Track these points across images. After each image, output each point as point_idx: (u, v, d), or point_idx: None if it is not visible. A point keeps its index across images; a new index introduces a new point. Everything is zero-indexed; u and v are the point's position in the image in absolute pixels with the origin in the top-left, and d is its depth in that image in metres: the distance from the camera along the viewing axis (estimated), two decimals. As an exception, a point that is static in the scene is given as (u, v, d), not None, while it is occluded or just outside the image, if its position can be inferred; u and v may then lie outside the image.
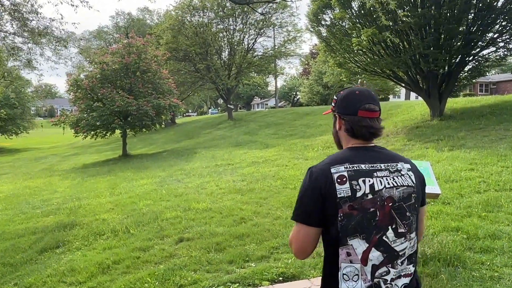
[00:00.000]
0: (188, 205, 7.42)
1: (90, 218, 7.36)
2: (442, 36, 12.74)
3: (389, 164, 1.60)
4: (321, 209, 1.53)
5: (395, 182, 1.56)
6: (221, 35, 30.47)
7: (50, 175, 15.53)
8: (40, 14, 8.40)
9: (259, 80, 45.01)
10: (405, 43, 13.33)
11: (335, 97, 1.75)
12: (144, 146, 25.70)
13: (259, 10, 27.83)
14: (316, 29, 16.09)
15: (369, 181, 1.53)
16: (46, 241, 6.23)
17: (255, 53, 32.57)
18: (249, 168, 11.01)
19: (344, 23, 14.95)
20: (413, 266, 1.59)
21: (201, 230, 5.83)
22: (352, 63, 15.54)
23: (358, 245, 1.49)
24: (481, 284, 3.57)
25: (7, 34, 8.91)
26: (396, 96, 49.27)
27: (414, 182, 1.61)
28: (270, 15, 29.52)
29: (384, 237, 1.51)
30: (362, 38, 12.97)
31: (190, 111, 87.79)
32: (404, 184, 1.58)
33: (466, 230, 4.70)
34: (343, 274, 1.52)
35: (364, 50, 14.39)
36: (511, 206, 5.39)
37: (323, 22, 15.76)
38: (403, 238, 1.54)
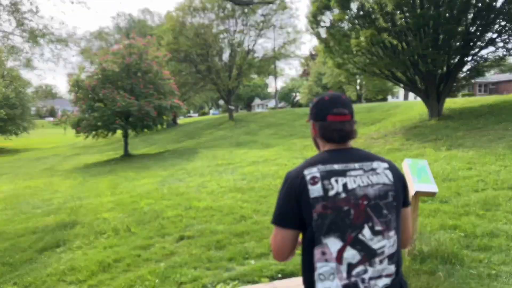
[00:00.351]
0: (189, 204, 7.44)
1: (91, 217, 7.37)
2: (441, 36, 12.76)
3: (363, 163, 1.61)
4: (296, 212, 1.56)
5: (370, 180, 1.57)
6: (221, 36, 30.51)
7: (51, 175, 15.54)
8: (38, 12, 8.37)
9: (260, 82, 45.07)
10: (403, 43, 13.35)
11: (310, 105, 1.78)
12: (145, 146, 25.71)
13: (259, 12, 27.87)
14: (316, 30, 16.12)
15: (342, 180, 1.54)
16: (46, 241, 6.23)
17: (256, 55, 32.62)
18: (250, 167, 11.03)
19: (343, 24, 14.98)
20: (395, 267, 1.57)
21: (202, 228, 5.84)
22: (351, 64, 15.56)
23: (333, 243, 1.50)
24: (479, 281, 3.57)
25: (7, 33, 8.92)
26: (395, 97, 49.31)
27: (392, 180, 1.60)
28: (270, 16, 29.56)
29: (360, 236, 1.51)
30: (361, 39, 12.99)
31: (191, 111, 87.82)
32: (380, 182, 1.57)
33: (464, 228, 4.71)
34: (319, 274, 1.52)
35: (363, 51, 14.41)
36: (509, 204, 5.41)
37: (322, 24, 15.79)
38: (381, 236, 1.54)
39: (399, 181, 1.64)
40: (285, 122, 22.70)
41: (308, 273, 1.57)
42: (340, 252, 1.50)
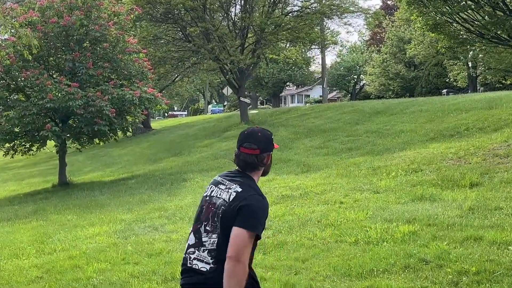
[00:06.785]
0: (171, 271, 7.44)
1: (1, 295, 7.42)
2: None
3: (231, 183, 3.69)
4: None
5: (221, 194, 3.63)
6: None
7: None
8: None
9: (295, 55, 45.04)
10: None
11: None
12: (96, 169, 25.96)
13: None
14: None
15: None
16: None
17: (288, 9, 32.69)
18: (277, 206, 11.01)
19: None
20: (212, 259, 3.46)
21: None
22: (457, 23, 15.44)
23: None
24: None
25: None
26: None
27: (228, 200, 3.50)
28: None
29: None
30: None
31: (175, 108, 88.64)
32: (223, 197, 3.55)
33: None
34: None
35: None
36: None
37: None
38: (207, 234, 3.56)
39: (237, 204, 3.46)
40: (339, 126, 22.66)
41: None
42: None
